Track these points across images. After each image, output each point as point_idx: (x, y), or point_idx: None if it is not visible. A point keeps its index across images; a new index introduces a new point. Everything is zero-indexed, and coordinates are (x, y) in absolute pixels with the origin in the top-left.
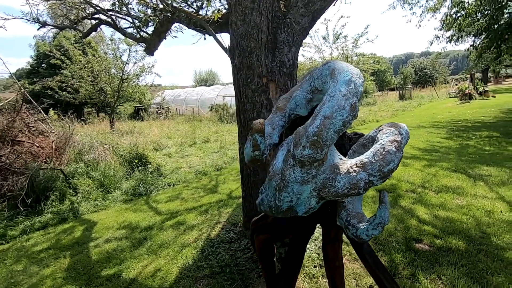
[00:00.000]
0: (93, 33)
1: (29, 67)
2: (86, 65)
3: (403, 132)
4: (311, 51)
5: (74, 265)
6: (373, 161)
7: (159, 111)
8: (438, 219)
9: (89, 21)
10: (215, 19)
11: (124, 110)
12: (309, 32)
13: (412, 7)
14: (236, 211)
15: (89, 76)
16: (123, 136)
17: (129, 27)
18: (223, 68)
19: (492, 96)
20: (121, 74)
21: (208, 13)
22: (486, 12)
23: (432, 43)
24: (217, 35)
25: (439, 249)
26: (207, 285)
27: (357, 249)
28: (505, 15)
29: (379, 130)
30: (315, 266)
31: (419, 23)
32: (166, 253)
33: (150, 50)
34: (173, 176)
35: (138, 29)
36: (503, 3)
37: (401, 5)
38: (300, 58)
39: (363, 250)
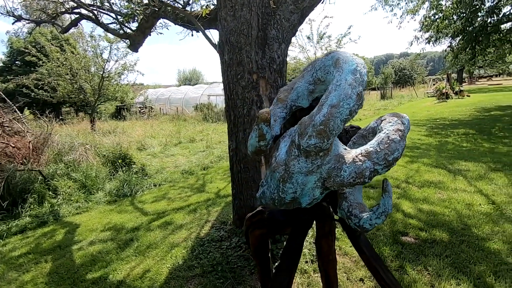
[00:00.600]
0: (72, 29)
1: (1, 64)
2: (64, 63)
3: (405, 122)
4: (296, 50)
5: (57, 269)
6: (378, 150)
7: (142, 111)
8: (422, 212)
9: (69, 15)
10: (203, 15)
11: (105, 110)
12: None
13: (392, 8)
14: (225, 210)
15: (67, 74)
16: (105, 136)
17: (111, 23)
18: (207, 67)
19: (467, 96)
20: (101, 72)
21: (193, 8)
22: (461, 15)
23: (412, 43)
24: (206, 31)
25: (424, 241)
26: (198, 285)
27: (354, 241)
28: (479, 18)
29: (382, 120)
30: (306, 262)
31: (400, 24)
32: (155, 253)
33: (134, 46)
34: (159, 176)
35: (122, 25)
36: (477, 7)
37: (382, 7)
38: None
39: (360, 242)
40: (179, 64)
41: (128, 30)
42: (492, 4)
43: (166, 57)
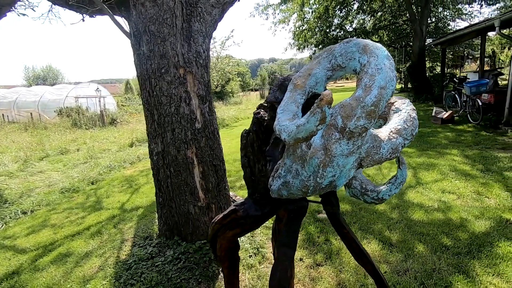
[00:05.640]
0: None
1: None
2: None
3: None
4: None
5: None
6: (406, 127)
7: None
8: None
9: None
10: None
11: None
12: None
13: (267, 17)
14: (143, 223)
15: None
16: None
17: None
18: (68, 64)
19: None
20: None
21: None
22: (321, 28)
23: (286, 49)
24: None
25: None
26: None
27: (334, 220)
28: (332, 32)
29: (393, 102)
30: (250, 256)
31: (274, 32)
32: None
33: None
34: (27, 200)
35: None
36: (330, 23)
37: (259, 15)
38: None
39: (340, 219)
40: (25, 60)
41: None
42: (338, 22)
43: (4, 51)
